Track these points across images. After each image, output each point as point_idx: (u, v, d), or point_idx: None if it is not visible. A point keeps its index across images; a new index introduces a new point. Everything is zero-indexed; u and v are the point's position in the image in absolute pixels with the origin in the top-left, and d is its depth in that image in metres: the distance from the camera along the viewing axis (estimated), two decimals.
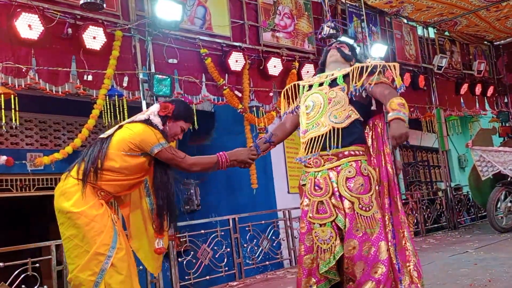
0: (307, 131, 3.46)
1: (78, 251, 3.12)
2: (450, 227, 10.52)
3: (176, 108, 3.48)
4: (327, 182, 3.31)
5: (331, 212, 3.26)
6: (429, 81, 10.74)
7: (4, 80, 5.09)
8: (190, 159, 3.45)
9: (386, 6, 9.59)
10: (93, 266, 3.09)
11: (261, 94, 7.49)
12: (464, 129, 13.62)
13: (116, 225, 3.28)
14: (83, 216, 3.12)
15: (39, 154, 7.79)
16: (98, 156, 3.24)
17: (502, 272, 5.10)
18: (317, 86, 3.57)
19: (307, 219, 3.35)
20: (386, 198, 3.45)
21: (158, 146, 3.25)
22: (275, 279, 6.66)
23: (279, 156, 9.02)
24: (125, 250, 3.25)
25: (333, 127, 3.34)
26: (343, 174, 3.29)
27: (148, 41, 6.26)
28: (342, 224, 3.23)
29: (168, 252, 6.11)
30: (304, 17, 8.32)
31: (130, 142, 3.24)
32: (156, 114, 3.43)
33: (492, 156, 8.73)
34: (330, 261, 3.22)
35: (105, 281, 3.10)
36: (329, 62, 3.69)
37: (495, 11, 10.21)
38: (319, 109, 3.43)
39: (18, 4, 5.16)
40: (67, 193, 3.19)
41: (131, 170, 3.30)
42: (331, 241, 3.24)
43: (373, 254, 3.22)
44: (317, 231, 3.29)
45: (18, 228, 11.19)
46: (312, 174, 3.39)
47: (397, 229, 3.42)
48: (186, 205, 9.90)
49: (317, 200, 3.31)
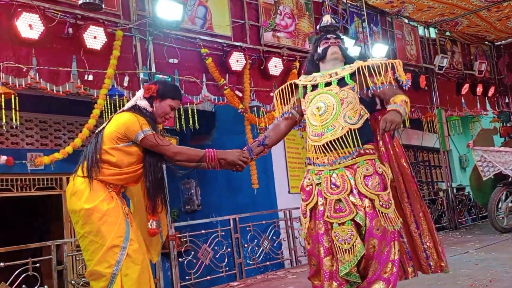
0: (323, 133, 3.36)
1: (94, 246, 3.14)
2: (451, 227, 10.51)
3: (160, 87, 3.47)
4: (344, 179, 3.27)
5: (351, 210, 3.21)
6: (430, 81, 10.73)
7: (5, 79, 5.09)
8: (175, 147, 3.46)
9: (387, 6, 9.57)
10: (109, 258, 3.11)
11: (262, 94, 7.48)
12: (465, 129, 13.60)
13: (128, 217, 3.30)
14: (95, 212, 3.14)
15: (39, 154, 7.79)
16: (95, 151, 3.27)
17: (503, 272, 5.09)
18: (324, 86, 3.49)
19: (325, 219, 3.27)
20: (404, 192, 3.45)
21: (140, 133, 3.25)
22: (275, 279, 6.65)
23: (280, 156, 9.01)
24: (138, 243, 3.26)
25: (349, 128, 3.31)
26: (361, 172, 3.27)
27: (148, 41, 6.25)
28: (363, 222, 3.20)
29: (169, 252, 6.11)
30: (305, 17, 8.32)
31: (117, 132, 3.27)
32: (141, 97, 3.45)
33: (493, 156, 8.72)
34: (354, 261, 3.17)
35: (122, 272, 3.11)
36: (330, 59, 3.58)
37: (496, 11, 10.20)
38: (332, 110, 3.37)
39: (19, 4, 5.16)
40: (78, 191, 3.22)
41: (129, 161, 3.31)
42: (352, 240, 3.18)
43: (386, 254, 3.23)
44: (337, 230, 3.22)
45: (19, 228, 11.17)
46: (328, 173, 3.33)
47: (419, 221, 3.44)
48: (187, 205, 9.90)
49: (334, 198, 3.25)
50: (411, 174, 3.53)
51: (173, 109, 3.54)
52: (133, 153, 3.32)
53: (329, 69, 3.58)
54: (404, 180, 3.49)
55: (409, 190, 3.50)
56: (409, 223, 3.49)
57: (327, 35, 3.69)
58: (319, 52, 3.64)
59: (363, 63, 3.45)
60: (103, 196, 3.20)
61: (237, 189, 9.06)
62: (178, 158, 3.45)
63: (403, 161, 3.49)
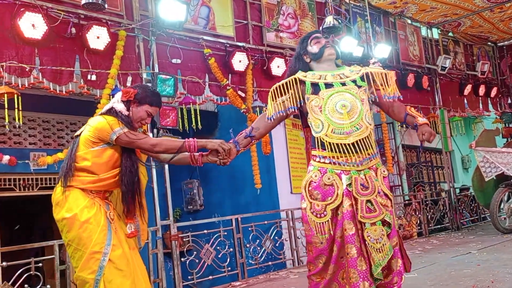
0: (351, 132, 3.33)
1: (78, 254, 3.21)
2: (453, 228, 10.51)
3: (139, 92, 3.48)
4: (372, 180, 3.31)
5: (380, 210, 3.27)
6: (433, 81, 10.73)
7: (8, 79, 5.11)
8: (152, 139, 3.47)
9: (390, 7, 9.57)
10: (92, 264, 3.15)
11: (265, 95, 7.47)
12: (467, 130, 13.60)
13: (112, 223, 3.32)
14: (75, 220, 3.20)
15: (42, 153, 7.80)
16: (70, 157, 3.33)
17: (505, 273, 5.08)
18: (340, 85, 3.45)
19: (359, 219, 3.26)
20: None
21: (113, 134, 3.28)
22: (277, 279, 6.65)
23: (282, 157, 9.01)
24: (122, 249, 3.27)
25: (370, 129, 3.38)
26: (380, 173, 3.38)
27: (151, 41, 6.26)
28: (391, 221, 3.29)
29: (171, 252, 6.13)
30: (308, 17, 8.32)
31: (91, 136, 3.30)
32: (119, 100, 3.46)
33: (496, 157, 8.72)
34: (385, 261, 3.22)
35: (105, 278, 3.14)
36: (326, 59, 3.57)
37: (499, 12, 10.20)
38: (357, 109, 3.37)
39: (22, 4, 5.17)
40: (60, 201, 3.28)
41: (105, 166, 3.34)
42: (382, 239, 3.22)
43: (397, 248, 3.39)
44: (369, 230, 3.24)
45: (21, 228, 11.19)
46: (355, 173, 3.32)
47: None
48: (189, 205, 9.91)
49: (365, 199, 3.28)
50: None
51: (150, 115, 3.53)
52: (108, 157, 3.34)
53: (326, 69, 3.56)
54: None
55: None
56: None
57: (316, 34, 3.68)
58: (315, 51, 3.59)
59: (370, 69, 3.49)
60: (83, 204, 3.24)
61: (239, 189, 9.06)
62: (157, 149, 3.43)
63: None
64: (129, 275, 3.23)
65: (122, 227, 3.40)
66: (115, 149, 3.37)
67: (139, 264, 3.41)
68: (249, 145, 3.71)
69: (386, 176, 3.41)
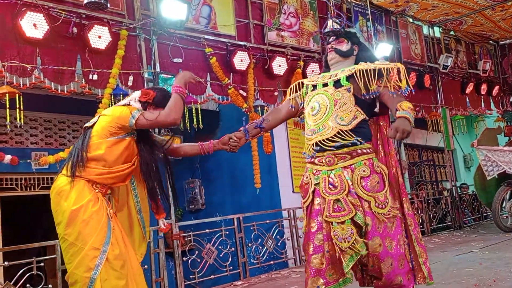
0: (314, 133, 3.40)
1: (74, 249, 3.13)
2: (455, 227, 10.50)
3: (158, 95, 3.48)
4: (342, 180, 3.27)
5: (350, 209, 3.22)
6: (435, 80, 10.73)
7: (9, 79, 5.11)
8: (164, 112, 3.36)
9: (391, 5, 9.57)
10: (88, 262, 3.08)
11: (266, 94, 7.49)
12: (469, 128, 13.60)
13: (112, 220, 3.27)
14: (80, 213, 3.13)
15: (44, 153, 7.80)
16: (82, 148, 3.27)
17: (507, 272, 5.08)
18: (321, 87, 3.52)
19: (324, 218, 3.27)
20: (397, 199, 3.45)
21: (132, 118, 3.26)
22: (279, 278, 6.65)
23: (284, 155, 8.99)
24: (119, 249, 3.22)
25: (339, 129, 3.31)
26: (358, 173, 3.28)
27: (153, 40, 6.26)
28: (362, 222, 3.21)
29: (173, 251, 6.13)
30: (309, 16, 8.32)
31: (110, 126, 3.27)
32: (137, 100, 3.45)
33: (498, 156, 8.71)
34: (354, 258, 3.19)
35: (101, 276, 3.08)
36: (331, 64, 3.64)
37: (501, 11, 10.18)
38: (325, 111, 3.38)
39: (23, 3, 5.17)
40: (63, 191, 3.20)
41: (118, 157, 3.31)
42: (352, 238, 3.19)
43: (395, 248, 3.28)
44: (336, 229, 3.22)
45: (23, 228, 11.20)
46: (325, 173, 3.33)
47: (408, 230, 3.45)
48: (191, 204, 9.91)
49: (333, 198, 3.26)
50: (403, 184, 3.55)
51: None
52: (122, 149, 3.31)
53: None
54: (394, 188, 3.50)
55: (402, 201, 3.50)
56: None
57: (329, 39, 3.73)
58: (324, 60, 3.77)
59: (363, 66, 3.44)
60: (89, 197, 3.19)
61: (241, 188, 9.05)
62: (174, 116, 3.36)
63: (394, 170, 3.50)
64: (124, 276, 3.19)
65: (118, 225, 3.37)
66: (130, 142, 3.35)
67: (134, 264, 3.35)
68: (257, 135, 3.87)
69: (365, 176, 3.27)
